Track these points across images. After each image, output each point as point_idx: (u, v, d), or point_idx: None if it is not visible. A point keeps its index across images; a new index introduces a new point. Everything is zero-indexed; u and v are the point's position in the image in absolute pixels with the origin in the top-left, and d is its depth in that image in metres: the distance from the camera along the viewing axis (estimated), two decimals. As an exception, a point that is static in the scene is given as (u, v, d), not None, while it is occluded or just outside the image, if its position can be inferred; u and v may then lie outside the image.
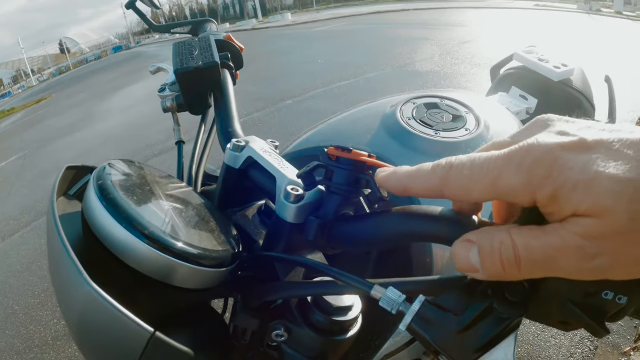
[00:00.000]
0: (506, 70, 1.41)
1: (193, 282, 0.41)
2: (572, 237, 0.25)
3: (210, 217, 0.49)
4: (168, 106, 0.75)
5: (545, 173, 0.26)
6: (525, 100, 1.28)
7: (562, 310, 0.32)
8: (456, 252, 0.31)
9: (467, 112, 0.82)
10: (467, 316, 0.32)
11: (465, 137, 0.74)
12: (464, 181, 0.29)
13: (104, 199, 0.39)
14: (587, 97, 1.27)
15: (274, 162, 0.49)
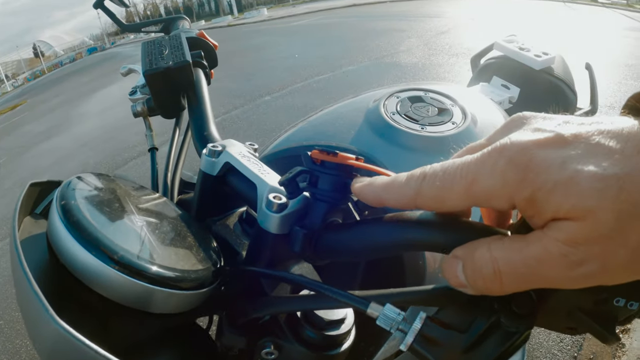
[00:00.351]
0: (487, 60, 1.40)
1: (173, 307, 0.38)
2: (554, 245, 0.23)
3: (187, 230, 0.45)
4: (138, 110, 0.70)
5: (520, 175, 0.24)
6: (507, 89, 1.27)
7: (570, 318, 0.30)
8: (445, 269, 0.29)
9: (452, 105, 0.79)
10: (472, 333, 0.30)
11: (452, 131, 0.72)
12: (436, 191, 0.28)
13: (67, 222, 0.35)
14: (568, 84, 1.27)
15: (253, 167, 0.46)
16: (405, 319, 0.32)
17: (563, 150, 0.24)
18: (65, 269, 0.35)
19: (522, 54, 1.24)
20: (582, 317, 0.29)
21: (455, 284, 0.29)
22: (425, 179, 0.28)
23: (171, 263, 0.37)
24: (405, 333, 0.31)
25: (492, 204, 0.26)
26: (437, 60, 5.90)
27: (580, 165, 0.23)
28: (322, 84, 5.50)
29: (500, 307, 0.29)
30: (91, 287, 0.35)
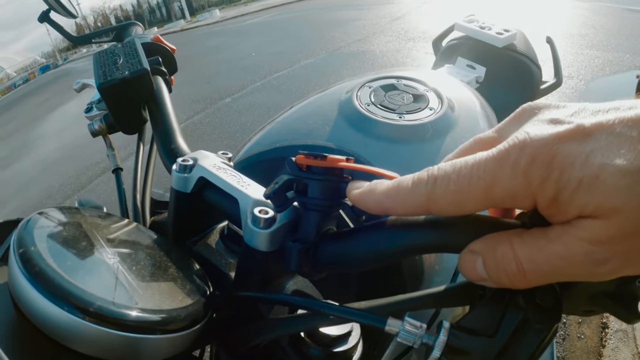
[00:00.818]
0: (449, 42, 1.40)
1: (165, 353, 0.33)
2: (578, 244, 0.22)
3: (167, 259, 0.40)
4: (96, 129, 0.64)
5: (544, 173, 0.22)
6: (473, 69, 1.27)
7: (591, 301, 0.29)
8: (463, 265, 0.28)
9: (426, 90, 0.77)
10: (501, 335, 0.27)
11: (431, 117, 0.70)
12: (452, 196, 0.25)
13: (29, 273, 0.30)
14: (532, 59, 1.28)
15: (231, 180, 0.42)
16: (428, 331, 0.29)
17: (586, 144, 0.22)
18: (34, 327, 0.30)
19: (484, 32, 1.24)
20: (605, 300, 0.29)
21: (475, 278, 0.27)
22: (436, 182, 0.26)
23: (156, 304, 0.32)
24: (430, 346, 0.28)
25: (513, 205, 0.24)
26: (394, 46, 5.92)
27: (605, 160, 0.21)
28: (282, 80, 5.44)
29: (526, 303, 0.27)
30: (68, 346, 0.30)
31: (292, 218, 0.37)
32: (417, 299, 0.33)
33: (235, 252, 0.48)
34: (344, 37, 6.75)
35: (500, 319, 0.28)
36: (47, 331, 0.30)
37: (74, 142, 4.87)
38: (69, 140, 4.95)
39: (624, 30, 5.62)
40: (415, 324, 0.29)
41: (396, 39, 6.22)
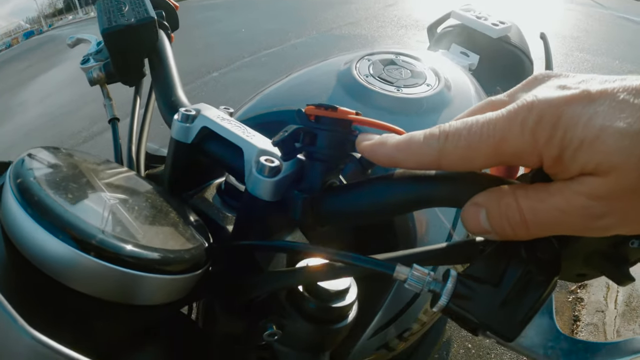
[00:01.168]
0: (444, 29, 1.42)
1: (162, 296, 0.32)
2: (577, 198, 0.24)
3: (167, 206, 0.40)
4: (95, 77, 0.61)
5: (550, 132, 0.24)
6: (467, 56, 1.30)
7: (586, 262, 0.31)
8: (466, 216, 0.29)
9: (424, 68, 0.78)
10: (505, 285, 0.28)
11: (428, 93, 0.71)
12: (463, 151, 0.26)
13: (27, 204, 0.29)
14: (525, 52, 1.31)
15: (236, 130, 0.41)
16: (435, 279, 0.29)
17: (590, 107, 0.23)
18: (29, 263, 0.29)
19: (480, 22, 1.25)
20: (600, 260, 0.30)
21: (478, 231, 0.28)
22: (448, 138, 0.27)
23: (158, 244, 0.32)
24: (437, 293, 0.29)
25: (520, 162, 0.26)
26: (385, 32, 5.89)
27: (607, 122, 0.22)
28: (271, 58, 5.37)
29: (528, 256, 0.28)
30: (64, 283, 0.29)
31: (297, 169, 0.37)
32: (419, 254, 0.33)
33: (233, 207, 0.47)
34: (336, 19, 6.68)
35: (504, 269, 0.28)
36: (42, 267, 0.29)
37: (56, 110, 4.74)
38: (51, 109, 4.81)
39: (615, 36, 5.71)
40: (423, 271, 0.29)
41: (388, 24, 6.19)
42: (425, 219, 0.58)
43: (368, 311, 0.55)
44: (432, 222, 0.60)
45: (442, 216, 0.61)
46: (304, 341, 0.38)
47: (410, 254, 0.33)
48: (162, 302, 0.33)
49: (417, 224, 0.56)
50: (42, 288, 0.29)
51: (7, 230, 0.30)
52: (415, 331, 0.61)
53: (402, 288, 0.57)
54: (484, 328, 0.28)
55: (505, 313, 0.28)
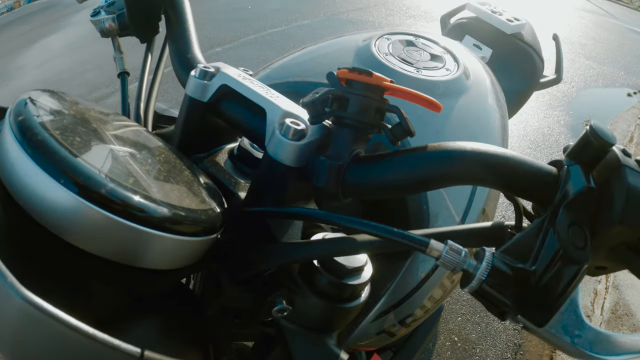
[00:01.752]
0: (458, 20, 1.42)
1: (171, 260, 0.30)
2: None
3: (180, 164, 0.37)
4: (106, 27, 0.57)
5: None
6: (479, 49, 1.29)
7: (610, 254, 0.30)
8: None
9: (444, 52, 0.76)
10: (540, 268, 0.27)
11: (447, 77, 0.69)
12: None
13: (27, 143, 0.25)
14: (537, 51, 1.30)
15: (259, 90, 0.38)
16: (470, 257, 0.27)
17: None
18: (25, 213, 0.26)
19: (494, 16, 1.24)
20: (625, 252, 0.29)
21: None
22: None
23: (173, 200, 0.29)
24: (470, 273, 0.27)
25: None
26: (393, 20, 5.83)
27: None
28: (276, 37, 5.29)
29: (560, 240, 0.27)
30: (64, 237, 0.26)
31: (323, 136, 0.35)
32: (449, 233, 0.31)
33: (245, 173, 0.45)
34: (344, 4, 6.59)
35: (537, 253, 0.28)
36: (40, 218, 0.26)
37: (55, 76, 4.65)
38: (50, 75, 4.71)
39: (623, 48, 5.70)
40: (458, 248, 0.27)
41: (397, 13, 6.13)
42: (438, 203, 0.57)
43: (374, 294, 0.53)
44: (443, 207, 0.58)
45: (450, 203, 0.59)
46: (313, 319, 0.36)
47: (439, 232, 0.31)
48: (169, 266, 0.30)
49: (430, 206, 0.54)
50: (38, 242, 0.26)
51: (2, 177, 0.27)
52: (417, 317, 0.59)
53: (410, 272, 0.56)
54: (516, 311, 0.27)
55: (539, 296, 0.27)
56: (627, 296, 1.88)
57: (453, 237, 0.31)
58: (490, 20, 1.25)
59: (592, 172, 0.30)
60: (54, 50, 5.28)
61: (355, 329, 0.54)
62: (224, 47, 5.07)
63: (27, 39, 5.57)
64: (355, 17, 5.93)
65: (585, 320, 0.29)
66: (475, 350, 1.60)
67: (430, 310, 0.61)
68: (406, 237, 0.29)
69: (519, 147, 2.98)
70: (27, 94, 0.32)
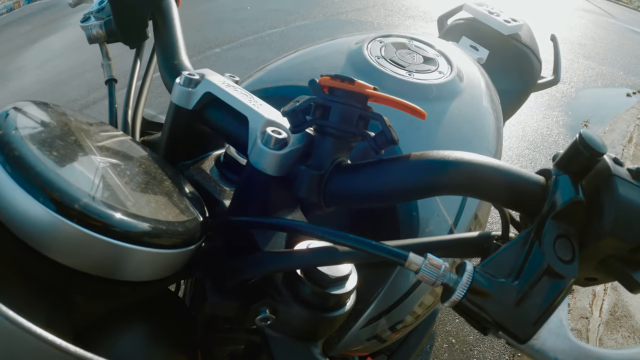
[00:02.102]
0: (455, 21, 1.42)
1: (150, 272, 0.30)
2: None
3: (162, 174, 0.37)
4: (94, 34, 0.57)
5: None
6: (476, 50, 1.29)
7: (600, 266, 0.30)
8: None
9: (437, 55, 0.76)
10: (523, 282, 0.27)
11: (439, 80, 0.69)
12: None
13: (5, 159, 0.26)
14: (534, 52, 1.30)
15: (242, 98, 0.38)
16: (449, 271, 0.27)
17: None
18: (4, 228, 0.26)
19: (492, 17, 1.24)
20: (614, 265, 0.29)
21: None
22: None
23: (150, 214, 0.29)
24: (450, 287, 0.26)
25: None
26: (392, 21, 5.83)
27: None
28: (275, 38, 5.30)
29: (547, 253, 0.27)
30: (42, 252, 0.26)
31: (305, 144, 0.34)
32: (431, 244, 0.31)
33: (231, 180, 0.44)
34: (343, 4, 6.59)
35: (523, 265, 0.27)
36: (19, 232, 0.26)
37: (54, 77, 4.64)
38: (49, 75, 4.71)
39: (622, 48, 5.70)
40: (437, 262, 0.27)
41: (396, 14, 6.13)
42: (428, 210, 0.56)
43: (363, 300, 0.53)
44: (434, 213, 0.58)
45: (443, 209, 0.59)
46: (297, 328, 0.36)
47: (422, 243, 0.30)
48: (150, 278, 0.30)
49: (420, 214, 0.54)
50: (17, 256, 0.26)
51: None
52: (408, 323, 0.59)
53: (400, 279, 0.55)
54: (497, 327, 0.27)
55: (521, 312, 0.27)
56: (626, 298, 1.88)
57: (437, 248, 0.31)
58: (488, 21, 1.25)
59: (582, 181, 0.29)
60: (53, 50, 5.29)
61: (345, 335, 0.54)
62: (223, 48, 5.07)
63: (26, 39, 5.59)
64: (354, 18, 5.93)
65: (571, 336, 0.29)
66: (472, 353, 1.60)
67: (422, 316, 0.61)
68: (385, 250, 0.28)
69: (517, 148, 2.98)
70: (10, 105, 0.32)
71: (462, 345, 1.61)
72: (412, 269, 0.27)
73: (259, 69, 0.73)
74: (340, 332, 0.53)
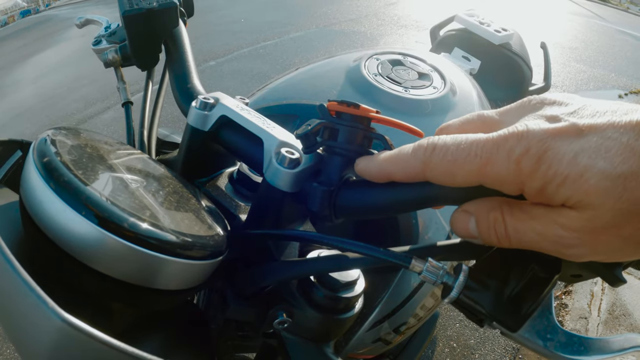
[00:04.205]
0: (447, 32, 1.44)
1: (181, 281, 0.33)
2: (552, 227, 0.25)
3: (187, 192, 0.40)
4: (109, 59, 0.61)
5: (534, 165, 0.25)
6: (468, 61, 1.32)
7: (582, 264, 0.32)
8: (455, 221, 0.31)
9: (431, 70, 0.80)
10: (512, 280, 0.30)
11: (434, 95, 0.73)
12: (447, 165, 0.28)
13: (55, 183, 0.29)
14: (525, 60, 1.33)
15: (256, 121, 0.42)
16: (448, 272, 0.31)
17: (577, 143, 0.24)
18: (53, 244, 0.29)
19: (482, 28, 1.28)
20: (595, 263, 0.31)
21: (465, 234, 0.30)
22: (434, 151, 0.28)
23: (184, 229, 0.32)
24: (449, 286, 0.30)
25: (501, 187, 0.27)
26: (385, 30, 5.90)
27: (592, 161, 0.23)
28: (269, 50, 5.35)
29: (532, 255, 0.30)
30: (87, 264, 0.29)
31: (315, 162, 0.38)
32: (431, 249, 0.34)
33: (245, 196, 0.48)
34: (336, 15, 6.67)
35: (510, 266, 0.30)
36: (68, 248, 0.29)
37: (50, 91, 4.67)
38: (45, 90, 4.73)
39: (613, 50, 5.78)
40: (437, 265, 0.31)
41: (388, 24, 6.20)
42: (426, 217, 0.60)
43: (368, 304, 0.56)
44: (433, 221, 0.62)
45: (441, 216, 0.63)
46: (311, 330, 0.40)
47: (423, 248, 0.34)
48: (179, 287, 0.34)
49: (420, 221, 0.57)
50: (67, 268, 0.30)
51: (29, 209, 0.30)
52: (411, 325, 0.63)
53: (402, 283, 0.59)
54: (491, 319, 0.30)
55: (511, 306, 0.30)
56: (624, 297, 1.91)
57: (436, 252, 0.34)
58: (479, 32, 1.29)
59: None
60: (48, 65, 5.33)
61: (352, 338, 0.57)
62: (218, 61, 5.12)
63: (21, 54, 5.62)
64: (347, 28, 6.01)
65: (557, 324, 0.32)
66: (474, 356, 1.63)
67: (423, 318, 0.64)
68: (391, 255, 0.32)
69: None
70: (45, 132, 0.35)
71: (464, 349, 1.64)
72: (416, 270, 0.31)
73: (261, 87, 0.77)
74: (347, 335, 0.57)
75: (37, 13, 7.04)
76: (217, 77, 4.68)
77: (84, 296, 0.31)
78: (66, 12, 7.66)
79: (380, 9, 6.98)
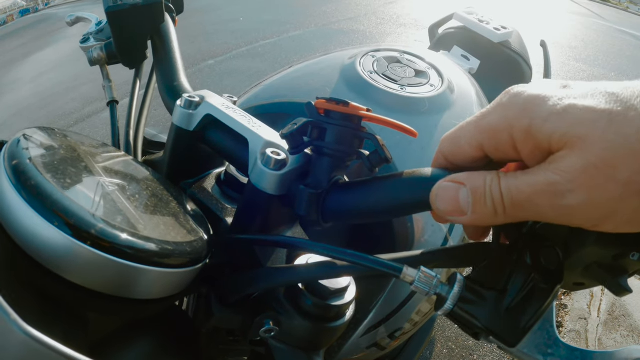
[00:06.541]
0: (446, 30, 1.42)
1: (160, 290, 0.31)
2: (544, 173, 0.25)
3: (167, 195, 0.38)
4: (95, 57, 0.59)
5: (520, 107, 0.26)
6: (467, 60, 1.30)
7: (585, 272, 0.31)
8: (440, 194, 0.29)
9: (428, 68, 0.78)
10: (511, 291, 0.28)
11: (431, 93, 0.71)
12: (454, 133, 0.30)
13: (23, 188, 0.27)
14: (525, 58, 1.32)
15: (242, 120, 0.40)
16: (442, 282, 0.29)
17: (562, 91, 0.25)
18: (22, 252, 0.27)
19: (482, 26, 1.26)
20: (599, 271, 0.30)
21: (451, 209, 0.28)
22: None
23: (160, 235, 0.30)
24: (442, 297, 0.28)
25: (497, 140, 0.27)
26: (384, 29, 5.88)
27: (576, 101, 0.24)
28: (268, 49, 5.33)
29: (532, 263, 0.28)
30: (59, 274, 0.28)
31: (303, 164, 0.36)
32: (425, 256, 0.33)
33: (232, 198, 0.46)
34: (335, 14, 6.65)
35: (509, 276, 0.28)
36: (36, 255, 0.27)
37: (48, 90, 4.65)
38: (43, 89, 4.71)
39: (612, 49, 5.76)
40: (430, 274, 0.29)
41: (387, 22, 6.18)
42: (423, 221, 0.58)
43: (362, 309, 0.55)
44: (429, 225, 0.60)
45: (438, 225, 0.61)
46: (300, 338, 0.38)
47: (416, 256, 0.32)
48: (159, 296, 0.32)
49: (415, 225, 0.55)
50: (35, 278, 0.28)
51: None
52: (406, 331, 0.61)
53: (397, 288, 0.57)
54: (487, 333, 0.28)
55: (509, 319, 0.28)
56: (624, 297, 1.90)
57: (431, 260, 0.32)
58: (478, 30, 1.27)
59: None
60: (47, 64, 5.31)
61: (345, 344, 0.55)
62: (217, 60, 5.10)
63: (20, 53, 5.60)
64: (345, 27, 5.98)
65: (559, 337, 0.30)
66: (472, 357, 1.61)
67: (420, 323, 0.62)
68: (380, 264, 0.30)
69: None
70: (20, 133, 0.33)
71: (462, 350, 1.63)
72: (407, 280, 0.29)
73: (254, 86, 0.75)
74: (340, 341, 0.55)
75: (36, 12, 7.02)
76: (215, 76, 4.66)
77: (58, 307, 0.29)
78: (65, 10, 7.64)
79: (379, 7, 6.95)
